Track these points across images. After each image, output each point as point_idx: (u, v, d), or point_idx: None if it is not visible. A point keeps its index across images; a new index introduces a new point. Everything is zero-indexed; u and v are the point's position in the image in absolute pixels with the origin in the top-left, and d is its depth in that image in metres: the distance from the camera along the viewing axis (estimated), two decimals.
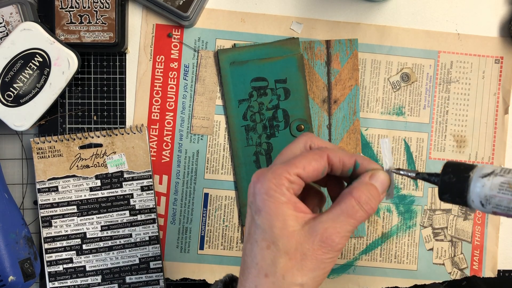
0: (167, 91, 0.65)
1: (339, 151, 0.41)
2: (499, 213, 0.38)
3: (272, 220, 0.38)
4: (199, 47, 0.64)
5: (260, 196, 0.39)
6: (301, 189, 0.41)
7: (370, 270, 0.65)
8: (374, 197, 0.39)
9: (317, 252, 0.38)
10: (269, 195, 0.38)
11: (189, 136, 0.65)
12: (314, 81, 0.64)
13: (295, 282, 0.38)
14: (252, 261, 0.39)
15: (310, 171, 0.40)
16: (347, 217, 0.39)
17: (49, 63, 0.60)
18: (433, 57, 0.65)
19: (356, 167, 0.41)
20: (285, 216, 0.38)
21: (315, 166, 0.40)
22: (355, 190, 0.39)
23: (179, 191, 0.65)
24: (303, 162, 0.40)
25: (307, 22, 0.64)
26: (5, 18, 0.61)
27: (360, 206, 0.39)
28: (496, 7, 0.65)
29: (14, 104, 0.60)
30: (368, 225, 0.65)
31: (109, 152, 0.64)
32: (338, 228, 0.38)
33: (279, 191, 0.38)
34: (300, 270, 0.38)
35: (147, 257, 0.64)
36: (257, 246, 0.39)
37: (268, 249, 0.38)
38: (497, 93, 0.65)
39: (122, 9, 0.62)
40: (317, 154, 0.40)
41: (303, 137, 0.43)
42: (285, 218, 0.38)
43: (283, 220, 0.38)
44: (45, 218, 0.64)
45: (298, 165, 0.39)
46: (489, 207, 0.38)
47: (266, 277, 0.38)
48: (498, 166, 0.41)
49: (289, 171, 0.39)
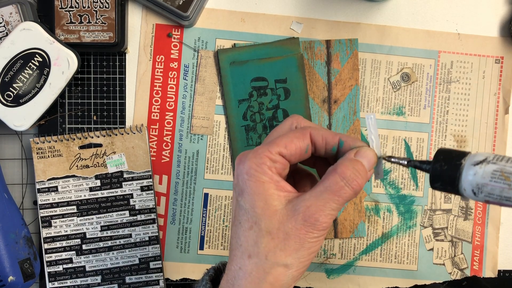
0: (167, 91, 0.65)
1: (322, 129, 0.40)
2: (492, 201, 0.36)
3: (254, 200, 0.38)
4: (199, 47, 0.64)
5: (242, 177, 0.38)
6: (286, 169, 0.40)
7: (370, 270, 0.65)
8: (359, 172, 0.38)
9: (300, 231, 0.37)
10: (250, 175, 0.38)
11: (189, 136, 0.65)
12: (314, 81, 0.64)
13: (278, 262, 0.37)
14: (236, 243, 0.39)
15: (293, 149, 0.39)
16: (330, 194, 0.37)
17: (48, 63, 0.60)
18: (433, 57, 0.65)
19: (340, 145, 0.40)
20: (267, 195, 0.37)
21: (297, 144, 0.39)
22: (339, 166, 0.38)
23: (179, 191, 0.65)
24: (284, 141, 0.39)
25: (307, 22, 0.64)
26: (4, 18, 0.61)
27: (345, 182, 0.37)
28: (496, 7, 0.65)
29: (14, 104, 0.60)
30: (368, 225, 0.65)
31: (109, 152, 0.64)
32: (321, 206, 0.37)
33: (260, 170, 0.38)
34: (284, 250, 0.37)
35: (147, 257, 0.64)
36: (240, 228, 0.38)
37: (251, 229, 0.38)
38: (497, 93, 0.65)
39: (122, 9, 0.62)
40: (299, 132, 0.40)
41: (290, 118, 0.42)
42: (266, 198, 0.37)
43: (264, 200, 0.37)
44: (44, 218, 0.64)
45: (280, 144, 0.39)
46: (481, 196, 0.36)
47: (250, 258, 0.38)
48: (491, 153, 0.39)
49: (270, 150, 0.38)
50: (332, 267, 0.65)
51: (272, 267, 0.37)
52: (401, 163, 0.41)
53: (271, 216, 0.37)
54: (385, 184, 0.65)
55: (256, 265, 0.37)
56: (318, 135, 0.40)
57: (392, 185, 0.65)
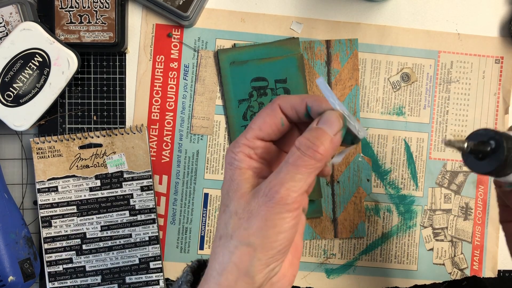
0: (167, 91, 0.65)
1: (290, 98, 0.39)
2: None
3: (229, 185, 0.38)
4: (199, 47, 0.64)
5: (225, 166, 0.39)
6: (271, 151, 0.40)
7: (370, 270, 0.65)
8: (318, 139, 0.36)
9: (261, 207, 0.36)
10: (230, 164, 0.39)
11: (189, 136, 0.65)
12: (314, 81, 0.64)
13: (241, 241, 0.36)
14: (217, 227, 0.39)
15: (267, 128, 0.39)
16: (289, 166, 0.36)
17: (49, 63, 0.60)
18: (433, 57, 0.65)
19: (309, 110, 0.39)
20: (240, 180, 0.38)
21: (270, 121, 0.39)
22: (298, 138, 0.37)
23: (179, 191, 0.65)
24: (257, 123, 0.39)
25: (307, 22, 0.64)
26: (5, 18, 0.61)
27: (301, 151, 0.36)
28: (496, 7, 0.65)
29: (14, 104, 0.60)
30: (368, 225, 0.65)
31: (109, 152, 0.64)
32: (281, 179, 0.36)
33: (238, 158, 0.38)
34: (247, 229, 0.36)
35: (147, 257, 0.64)
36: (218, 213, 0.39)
37: (224, 212, 0.38)
38: (497, 93, 0.65)
39: (122, 9, 0.62)
40: (269, 109, 0.39)
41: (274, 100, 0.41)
42: (239, 182, 0.38)
43: (237, 184, 0.38)
44: (45, 218, 0.64)
45: (254, 127, 0.39)
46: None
47: (220, 239, 0.38)
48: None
49: (247, 137, 0.39)
50: (332, 267, 0.65)
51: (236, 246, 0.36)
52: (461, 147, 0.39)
53: (240, 198, 0.37)
54: (385, 184, 0.65)
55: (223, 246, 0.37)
56: (286, 105, 0.39)
57: (392, 185, 0.65)
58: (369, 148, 0.65)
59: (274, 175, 0.36)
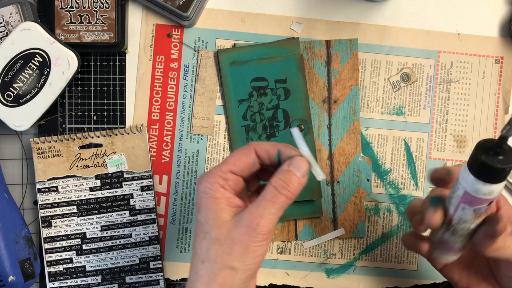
0: (167, 91, 0.65)
1: (264, 143, 0.46)
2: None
3: (207, 214, 0.43)
4: (199, 47, 0.64)
5: (199, 195, 0.44)
6: (239, 184, 0.46)
7: (370, 270, 0.65)
8: (290, 180, 0.43)
9: (244, 236, 0.42)
10: (205, 193, 0.44)
11: (189, 136, 0.65)
12: (314, 81, 0.64)
13: (226, 265, 0.42)
14: (194, 252, 0.44)
15: (241, 164, 0.45)
16: (267, 201, 0.43)
17: (49, 63, 0.60)
18: (433, 57, 0.65)
19: (279, 154, 0.45)
20: (218, 210, 0.43)
21: (244, 159, 0.45)
22: (273, 178, 0.44)
23: (179, 191, 0.65)
24: (233, 159, 0.45)
25: (307, 22, 0.64)
26: (5, 18, 0.61)
27: (277, 190, 0.43)
28: (496, 7, 0.65)
29: (14, 104, 0.60)
30: (368, 225, 0.65)
31: (109, 152, 0.64)
32: (260, 212, 0.42)
33: (214, 188, 0.44)
34: (230, 254, 0.42)
35: (147, 257, 0.64)
36: (197, 238, 0.44)
37: (204, 239, 0.43)
38: (497, 93, 0.65)
39: (122, 9, 0.62)
40: (245, 149, 0.46)
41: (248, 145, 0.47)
42: (217, 212, 0.43)
43: (215, 213, 0.43)
44: (45, 218, 0.64)
45: (229, 162, 0.45)
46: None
47: (202, 263, 0.43)
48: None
49: (222, 170, 0.44)
50: (332, 267, 0.65)
51: (220, 269, 0.42)
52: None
53: (220, 227, 0.43)
54: (385, 184, 0.65)
55: (207, 269, 0.43)
56: (261, 149, 0.45)
57: (392, 185, 0.65)
58: (369, 148, 0.65)
59: (254, 209, 0.43)
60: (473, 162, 0.39)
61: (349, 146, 0.64)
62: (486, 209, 0.42)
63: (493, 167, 0.38)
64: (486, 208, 0.42)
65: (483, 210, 0.42)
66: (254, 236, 0.42)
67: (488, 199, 0.41)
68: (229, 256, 0.42)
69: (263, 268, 0.65)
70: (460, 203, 0.42)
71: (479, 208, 0.42)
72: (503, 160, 0.38)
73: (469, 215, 0.43)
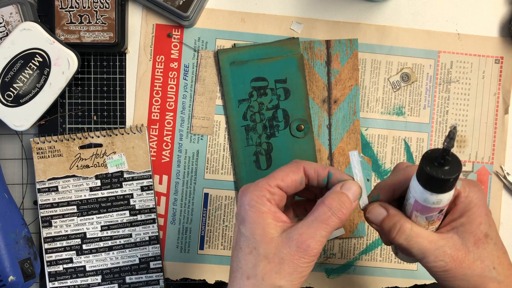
0: (167, 91, 0.65)
1: (313, 164, 0.45)
2: None
3: (254, 228, 0.42)
4: (199, 47, 0.64)
5: (244, 207, 0.43)
6: (283, 200, 0.45)
7: (370, 270, 0.65)
8: (344, 203, 0.43)
9: (294, 256, 0.41)
10: (251, 206, 0.43)
11: (189, 136, 0.65)
12: (314, 81, 0.64)
13: (273, 284, 0.41)
14: (237, 266, 0.43)
15: (289, 181, 0.44)
16: (320, 222, 0.42)
17: (49, 63, 0.60)
18: (433, 57, 0.65)
19: (329, 177, 0.45)
20: (265, 224, 0.42)
21: (293, 177, 0.44)
22: (327, 198, 0.43)
23: (179, 191, 0.65)
24: (281, 174, 0.44)
25: (307, 22, 0.64)
26: (5, 18, 0.61)
27: (332, 212, 0.42)
28: (496, 7, 0.65)
29: (14, 104, 0.60)
30: (368, 225, 0.65)
31: (109, 152, 0.64)
32: (312, 234, 0.42)
33: (260, 202, 0.43)
34: (278, 273, 0.41)
35: (147, 257, 0.64)
36: (241, 252, 0.43)
37: (250, 254, 0.42)
38: (497, 93, 0.65)
39: (122, 9, 0.62)
40: (294, 166, 0.45)
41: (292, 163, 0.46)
42: (264, 226, 0.42)
43: (263, 228, 0.42)
44: (45, 218, 0.64)
45: (277, 177, 0.44)
46: None
47: (248, 279, 0.42)
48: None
49: (269, 183, 0.43)
50: (332, 267, 0.65)
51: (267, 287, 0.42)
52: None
53: (268, 243, 0.42)
54: None
55: (254, 285, 0.42)
56: (311, 169, 0.45)
57: None
58: (369, 148, 0.65)
59: (305, 229, 0.42)
60: (420, 173, 0.40)
61: (349, 146, 0.64)
62: (438, 216, 0.43)
63: (438, 178, 0.38)
64: (438, 216, 0.43)
65: (435, 217, 0.43)
66: (304, 257, 0.41)
67: (438, 208, 0.41)
68: (277, 275, 0.41)
69: None
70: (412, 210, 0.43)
71: (431, 215, 0.42)
72: (448, 171, 0.38)
73: (422, 222, 0.44)
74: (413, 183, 0.42)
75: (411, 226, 0.43)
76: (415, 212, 0.43)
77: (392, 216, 0.44)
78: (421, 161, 0.39)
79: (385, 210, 0.45)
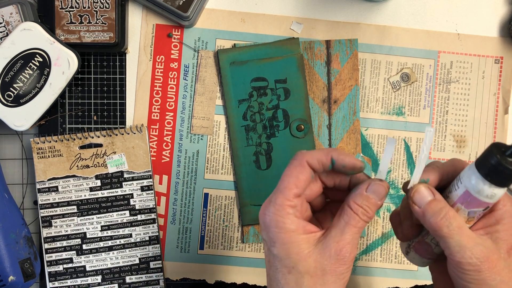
0: (167, 91, 0.65)
1: (314, 152, 0.43)
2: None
3: (287, 248, 0.41)
4: (199, 47, 0.65)
5: (271, 230, 0.42)
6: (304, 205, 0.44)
7: (370, 270, 0.65)
8: (370, 206, 0.42)
9: (335, 265, 0.41)
10: (279, 228, 0.41)
11: (189, 136, 0.65)
12: (314, 81, 0.64)
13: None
14: (277, 285, 0.42)
15: (302, 185, 0.42)
16: (351, 227, 0.42)
17: (49, 63, 0.60)
18: (433, 57, 0.65)
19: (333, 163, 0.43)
20: (298, 242, 0.41)
21: (303, 177, 0.42)
22: (351, 203, 0.42)
23: (179, 191, 0.65)
24: (292, 181, 0.42)
25: (307, 22, 0.64)
26: (5, 18, 0.61)
27: (359, 217, 0.42)
28: (496, 7, 0.65)
29: (14, 104, 0.60)
30: (368, 225, 0.65)
31: (109, 152, 0.64)
32: (347, 239, 0.41)
33: (287, 221, 0.41)
34: (324, 285, 0.41)
35: (147, 257, 0.64)
36: (279, 273, 0.42)
37: (290, 273, 0.42)
38: (497, 93, 0.65)
39: (122, 9, 0.62)
40: (298, 166, 0.43)
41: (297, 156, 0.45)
42: (298, 244, 0.41)
43: (297, 247, 0.41)
44: (45, 218, 0.64)
45: (291, 186, 0.42)
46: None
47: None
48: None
49: (287, 197, 0.42)
50: None
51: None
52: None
53: (306, 259, 0.41)
54: None
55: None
56: (313, 160, 0.43)
57: (392, 185, 0.65)
58: (369, 148, 0.65)
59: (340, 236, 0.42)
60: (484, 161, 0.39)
61: (349, 146, 0.64)
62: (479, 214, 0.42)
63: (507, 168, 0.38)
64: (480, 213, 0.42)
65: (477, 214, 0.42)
66: (345, 264, 0.41)
67: (487, 203, 0.41)
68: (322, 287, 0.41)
69: (263, 268, 0.65)
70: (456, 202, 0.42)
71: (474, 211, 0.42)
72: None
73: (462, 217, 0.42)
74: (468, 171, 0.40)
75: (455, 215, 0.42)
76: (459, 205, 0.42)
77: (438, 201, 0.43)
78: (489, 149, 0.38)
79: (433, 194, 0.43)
